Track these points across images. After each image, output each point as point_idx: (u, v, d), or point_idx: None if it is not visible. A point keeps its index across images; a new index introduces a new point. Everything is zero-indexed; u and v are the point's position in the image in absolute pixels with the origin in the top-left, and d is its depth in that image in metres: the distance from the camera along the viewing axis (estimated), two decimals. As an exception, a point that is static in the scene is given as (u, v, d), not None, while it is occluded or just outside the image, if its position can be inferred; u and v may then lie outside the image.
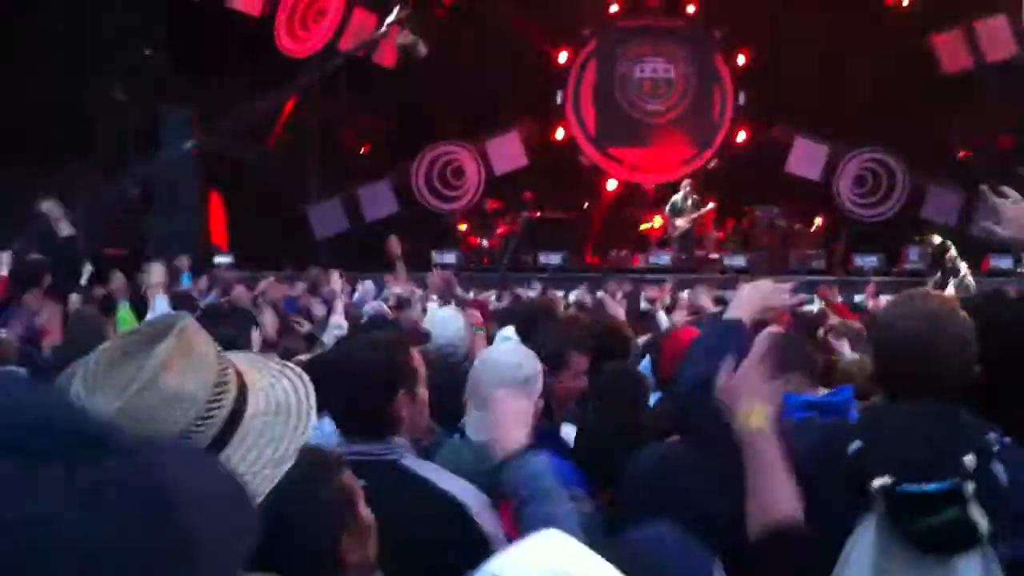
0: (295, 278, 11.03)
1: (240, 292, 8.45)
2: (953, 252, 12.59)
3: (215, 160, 15.79)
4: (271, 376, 1.45)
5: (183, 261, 10.90)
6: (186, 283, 10.41)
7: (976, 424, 1.94)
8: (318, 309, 7.84)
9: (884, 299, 12.93)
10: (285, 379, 1.45)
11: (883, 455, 1.90)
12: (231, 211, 16.60)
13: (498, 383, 2.68)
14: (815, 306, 11.55)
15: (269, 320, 5.73)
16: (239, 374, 1.39)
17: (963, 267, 12.53)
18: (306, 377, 1.47)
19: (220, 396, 1.34)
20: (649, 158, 17.96)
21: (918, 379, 1.99)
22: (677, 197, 15.73)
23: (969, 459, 1.82)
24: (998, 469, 1.85)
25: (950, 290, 11.98)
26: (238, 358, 1.45)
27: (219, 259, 15.07)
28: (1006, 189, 2.75)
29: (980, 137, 16.69)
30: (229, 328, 3.61)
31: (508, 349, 3.19)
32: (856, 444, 1.93)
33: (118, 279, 7.18)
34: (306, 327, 6.43)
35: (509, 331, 4.16)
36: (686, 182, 15.90)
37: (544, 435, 2.74)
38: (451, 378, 3.30)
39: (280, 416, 1.40)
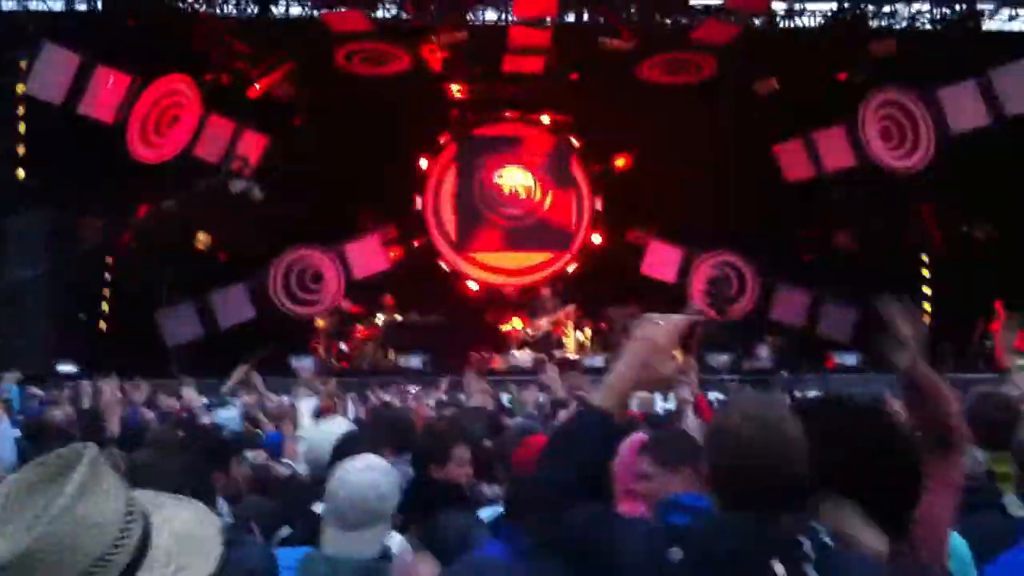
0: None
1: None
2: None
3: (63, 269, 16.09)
4: (172, 506, 1.57)
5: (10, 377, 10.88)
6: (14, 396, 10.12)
7: (793, 530, 2.02)
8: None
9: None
10: (184, 510, 1.57)
11: (699, 565, 2.01)
12: (79, 317, 16.79)
13: (358, 502, 3.03)
14: (671, 404, 12.62)
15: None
16: (142, 504, 1.51)
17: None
18: (204, 508, 1.60)
19: (130, 524, 1.44)
20: (508, 262, 19.12)
21: (749, 484, 2.06)
22: (536, 300, 16.82)
23: (779, 568, 1.93)
24: (812, 575, 1.96)
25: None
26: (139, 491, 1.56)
27: (63, 368, 15.24)
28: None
29: (824, 240, 18.32)
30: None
31: (365, 466, 3.22)
32: (677, 553, 2.03)
33: None
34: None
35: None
36: (545, 285, 17.05)
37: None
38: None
39: (184, 543, 1.51)
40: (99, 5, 16.84)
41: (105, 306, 16.49)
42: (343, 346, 16.65)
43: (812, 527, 2.04)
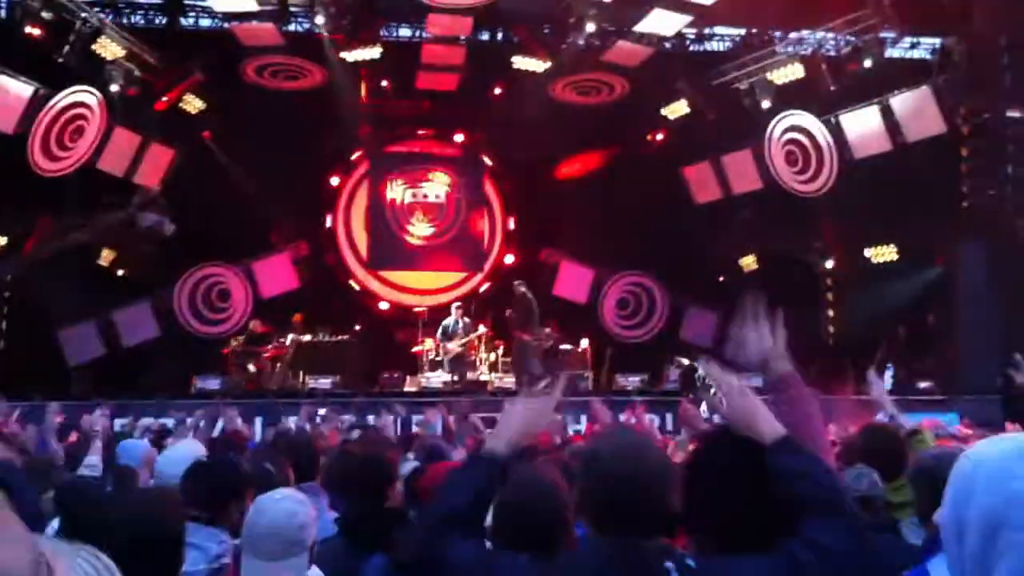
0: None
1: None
2: (701, 372, 14.35)
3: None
4: (70, 555, 1.52)
5: None
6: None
7: (657, 553, 2.19)
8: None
9: (648, 418, 14.81)
10: (81, 559, 1.53)
11: None
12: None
13: (277, 533, 3.10)
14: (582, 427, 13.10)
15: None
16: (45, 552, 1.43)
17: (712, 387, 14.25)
18: (105, 558, 1.57)
19: (37, 572, 1.38)
20: (420, 281, 19.51)
21: (616, 512, 2.20)
22: (448, 320, 17.20)
23: None
24: None
25: (703, 409, 13.79)
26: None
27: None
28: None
29: (732, 260, 19.10)
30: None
31: (282, 496, 3.31)
32: None
33: None
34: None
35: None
36: (457, 305, 17.46)
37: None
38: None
39: None
40: (2, 13, 16.67)
41: (3, 324, 16.31)
42: (251, 367, 16.70)
43: (676, 551, 2.20)
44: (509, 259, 19.93)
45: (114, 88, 16.67)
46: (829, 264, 18.82)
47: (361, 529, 4.04)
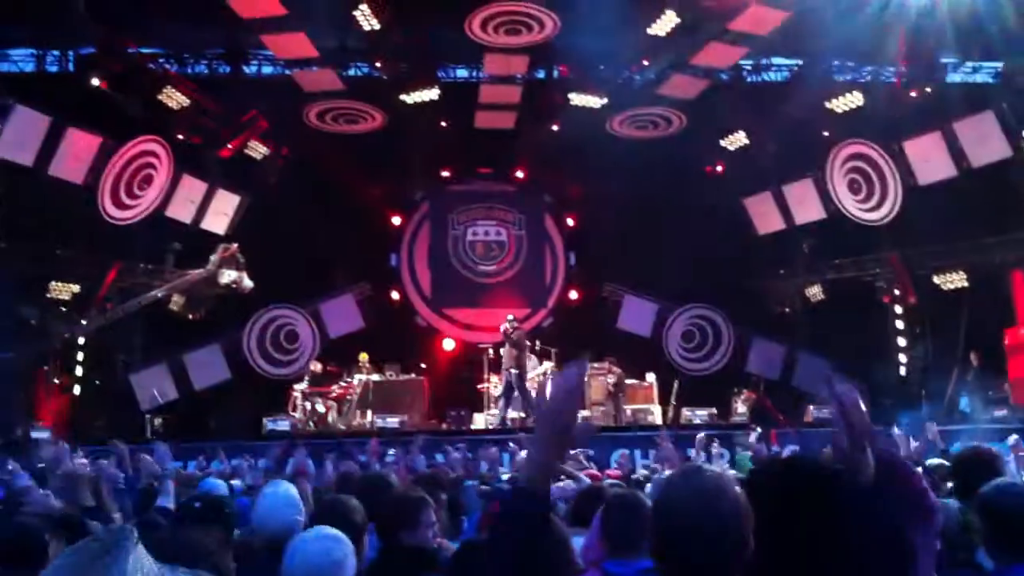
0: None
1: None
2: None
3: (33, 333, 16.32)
4: None
5: None
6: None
7: None
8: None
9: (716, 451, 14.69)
10: None
11: None
12: (51, 383, 16.93)
13: (314, 571, 3.11)
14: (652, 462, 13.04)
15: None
16: None
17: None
18: None
19: None
20: (484, 318, 19.55)
21: (690, 556, 2.11)
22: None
23: None
24: None
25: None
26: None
27: (36, 434, 15.38)
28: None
29: (797, 291, 18.97)
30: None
31: (318, 536, 3.31)
32: None
33: None
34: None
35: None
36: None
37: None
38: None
39: None
40: (70, 67, 17.16)
41: (79, 370, 16.62)
42: (319, 407, 16.85)
43: None
44: (572, 295, 19.99)
45: (180, 136, 17.08)
46: (896, 292, 18.56)
47: (378, 571, 4.01)
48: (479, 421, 16.83)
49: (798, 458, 2.75)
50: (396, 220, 19.95)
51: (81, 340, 16.53)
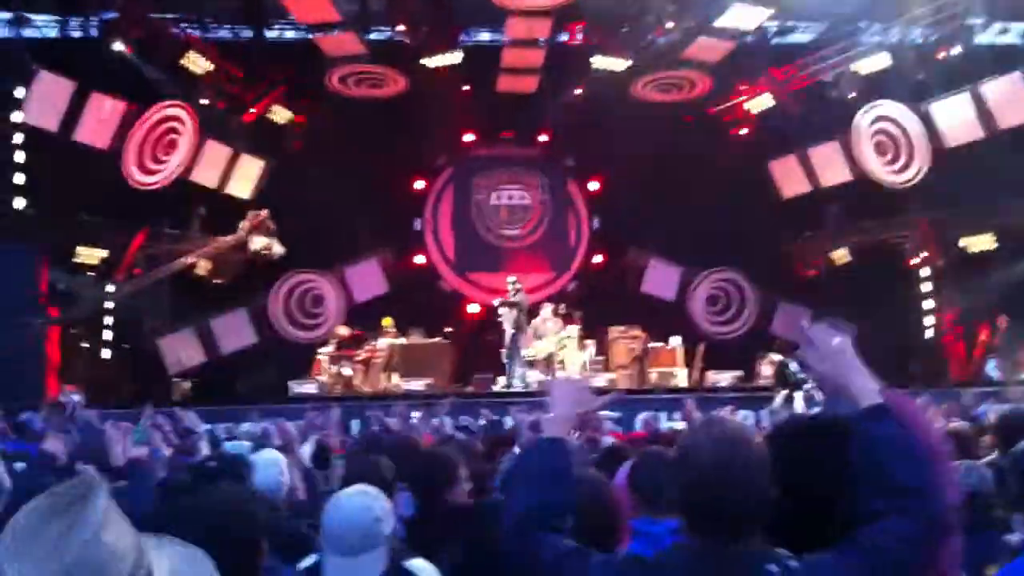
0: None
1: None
2: (793, 367, 14.19)
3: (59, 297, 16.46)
4: (163, 547, 1.61)
5: None
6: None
7: (759, 555, 2.10)
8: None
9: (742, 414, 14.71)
10: (177, 551, 1.62)
11: None
12: (80, 347, 17.09)
13: (355, 527, 3.16)
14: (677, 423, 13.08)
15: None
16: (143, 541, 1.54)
17: (808, 380, 14.05)
18: (197, 549, 1.66)
19: (142, 557, 1.49)
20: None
21: (713, 507, 2.13)
22: (537, 320, 17.28)
23: None
24: None
25: (798, 403, 13.66)
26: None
27: (65, 398, 15.50)
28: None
29: (823, 254, 18.89)
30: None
31: (357, 491, 3.36)
32: None
33: None
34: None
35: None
36: (547, 306, 17.51)
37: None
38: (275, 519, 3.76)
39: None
40: (93, 32, 17.17)
41: (107, 334, 16.74)
42: (345, 370, 16.97)
43: (775, 552, 2.10)
44: (597, 259, 19.98)
45: (203, 101, 17.11)
46: (923, 255, 18.44)
47: (421, 529, 4.04)
48: (503, 384, 16.89)
49: (821, 415, 2.66)
50: (420, 184, 19.92)
51: (109, 305, 16.61)
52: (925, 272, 18.41)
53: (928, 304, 18.31)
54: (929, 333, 18.18)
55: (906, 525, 2.05)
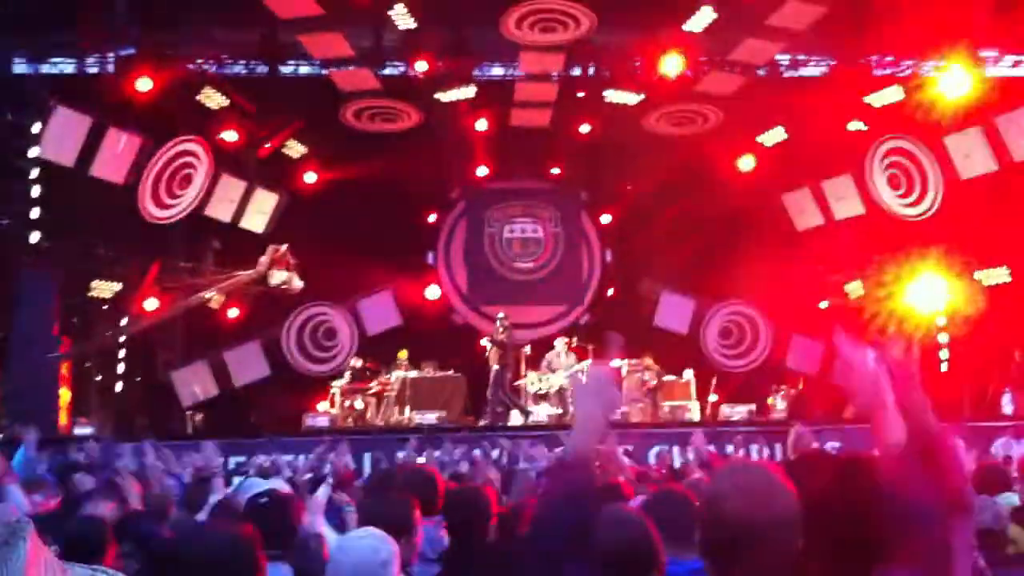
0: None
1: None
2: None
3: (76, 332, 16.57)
4: None
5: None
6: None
7: None
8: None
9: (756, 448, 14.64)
10: None
11: None
12: (93, 380, 17.17)
13: (361, 569, 3.15)
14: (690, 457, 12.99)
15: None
16: None
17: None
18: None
19: None
20: (521, 315, 19.57)
21: (743, 556, 2.08)
22: (551, 353, 17.29)
23: None
24: None
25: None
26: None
27: (79, 430, 15.60)
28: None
29: (836, 287, 18.80)
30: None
31: (365, 534, 3.39)
32: None
33: None
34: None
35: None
36: (561, 339, 17.52)
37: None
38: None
39: None
40: (110, 68, 17.35)
41: (121, 367, 16.82)
42: (358, 403, 16.99)
43: None
44: (609, 292, 19.99)
45: (218, 136, 17.26)
46: (938, 289, 18.31)
47: (458, 565, 4.01)
48: (516, 418, 16.86)
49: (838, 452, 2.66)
50: (432, 218, 19.99)
51: (122, 338, 16.71)
52: (940, 305, 18.30)
53: (943, 338, 18.20)
54: (944, 367, 18.07)
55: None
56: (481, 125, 18.40)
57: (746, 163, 19.06)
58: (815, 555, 2.12)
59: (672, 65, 16.31)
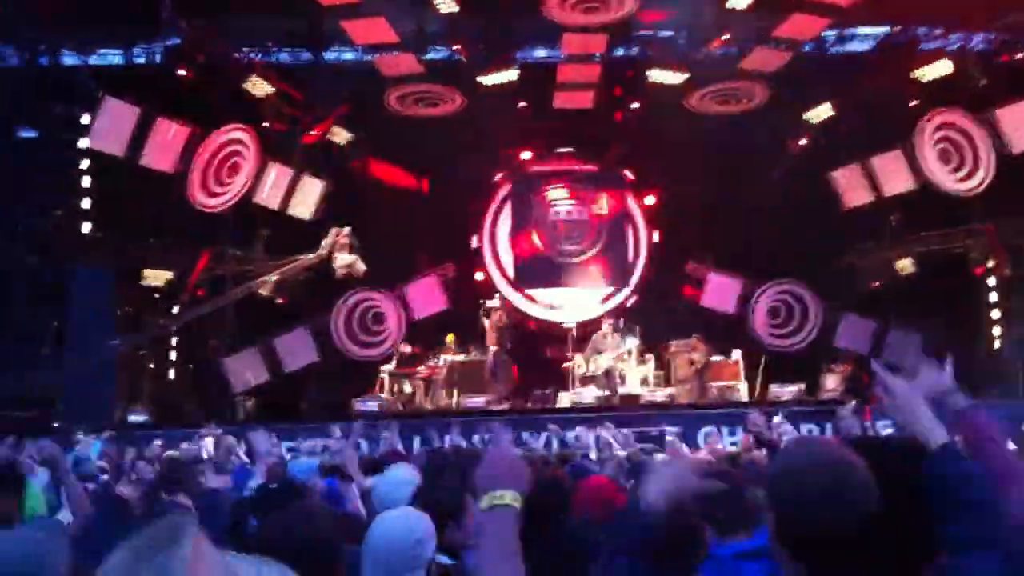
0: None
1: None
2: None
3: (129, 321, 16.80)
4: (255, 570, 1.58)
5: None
6: (94, 454, 10.25)
7: None
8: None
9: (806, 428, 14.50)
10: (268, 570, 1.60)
11: None
12: (146, 367, 17.41)
13: (398, 549, 3.17)
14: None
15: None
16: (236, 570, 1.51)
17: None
18: (280, 566, 1.64)
19: None
20: (568, 298, 19.56)
21: (816, 533, 2.00)
22: (598, 335, 17.24)
23: None
24: None
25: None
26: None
27: (133, 418, 15.83)
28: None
29: (887, 265, 18.53)
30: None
31: (402, 514, 3.40)
32: None
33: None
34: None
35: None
36: (607, 321, 17.47)
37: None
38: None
39: None
40: (157, 59, 17.51)
41: (173, 354, 17.03)
42: (406, 387, 17.07)
43: None
44: (656, 272, 19.85)
45: (265, 124, 17.36)
46: (990, 265, 18.03)
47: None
48: (564, 400, 16.85)
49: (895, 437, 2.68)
50: (477, 202, 19.96)
51: (174, 326, 16.91)
52: (991, 282, 18.02)
53: (995, 314, 17.90)
54: (997, 344, 17.77)
55: (991, 560, 2.02)
56: (524, 108, 18.32)
57: (794, 140, 18.79)
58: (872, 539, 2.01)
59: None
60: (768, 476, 2.23)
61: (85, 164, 16.74)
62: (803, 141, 18.87)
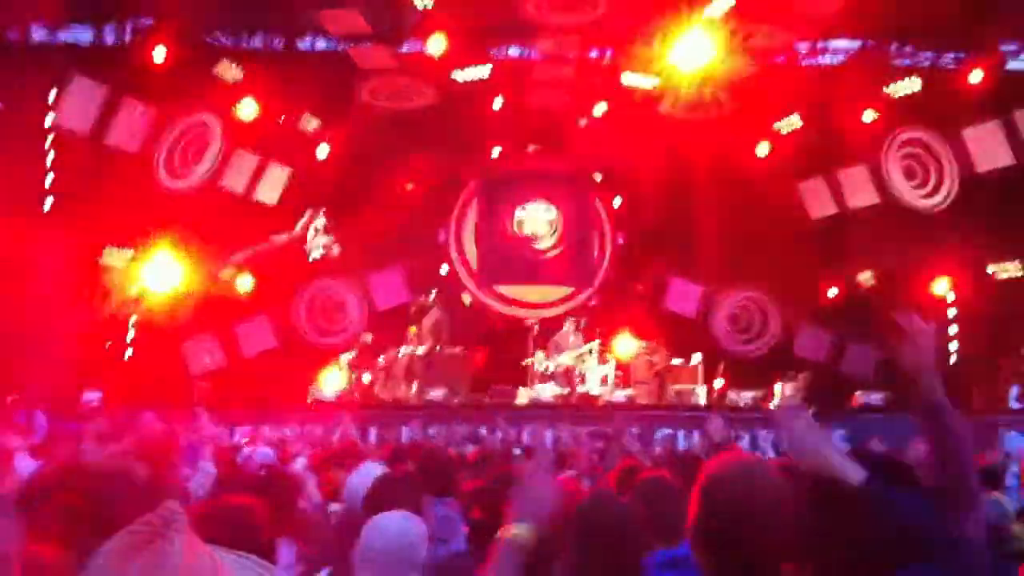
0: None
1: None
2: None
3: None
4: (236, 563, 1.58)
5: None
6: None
7: None
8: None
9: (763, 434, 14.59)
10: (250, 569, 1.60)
11: None
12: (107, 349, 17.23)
13: (391, 551, 3.21)
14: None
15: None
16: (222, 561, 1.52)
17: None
18: (269, 566, 1.67)
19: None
20: (531, 295, 19.56)
21: (737, 548, 2.05)
22: (560, 334, 17.27)
23: None
24: None
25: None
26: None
27: (88, 395, 15.66)
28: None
29: (847, 277, 18.67)
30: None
31: (395, 516, 3.42)
32: None
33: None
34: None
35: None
36: (570, 319, 17.49)
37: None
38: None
39: None
40: (127, 38, 17.34)
41: (130, 334, 16.88)
42: (365, 377, 17.01)
43: None
44: (619, 274, 19.89)
45: (233, 109, 17.22)
46: (949, 281, 18.23)
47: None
48: (523, 396, 16.85)
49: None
50: (445, 196, 19.91)
51: (133, 307, 16.75)
52: (951, 298, 18.20)
53: (953, 330, 18.08)
54: (953, 359, 17.95)
55: (931, 573, 2.03)
56: (496, 105, 18.30)
57: (761, 150, 18.87)
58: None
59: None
60: (697, 491, 2.25)
61: (50, 141, 16.53)
62: (770, 151, 18.93)
